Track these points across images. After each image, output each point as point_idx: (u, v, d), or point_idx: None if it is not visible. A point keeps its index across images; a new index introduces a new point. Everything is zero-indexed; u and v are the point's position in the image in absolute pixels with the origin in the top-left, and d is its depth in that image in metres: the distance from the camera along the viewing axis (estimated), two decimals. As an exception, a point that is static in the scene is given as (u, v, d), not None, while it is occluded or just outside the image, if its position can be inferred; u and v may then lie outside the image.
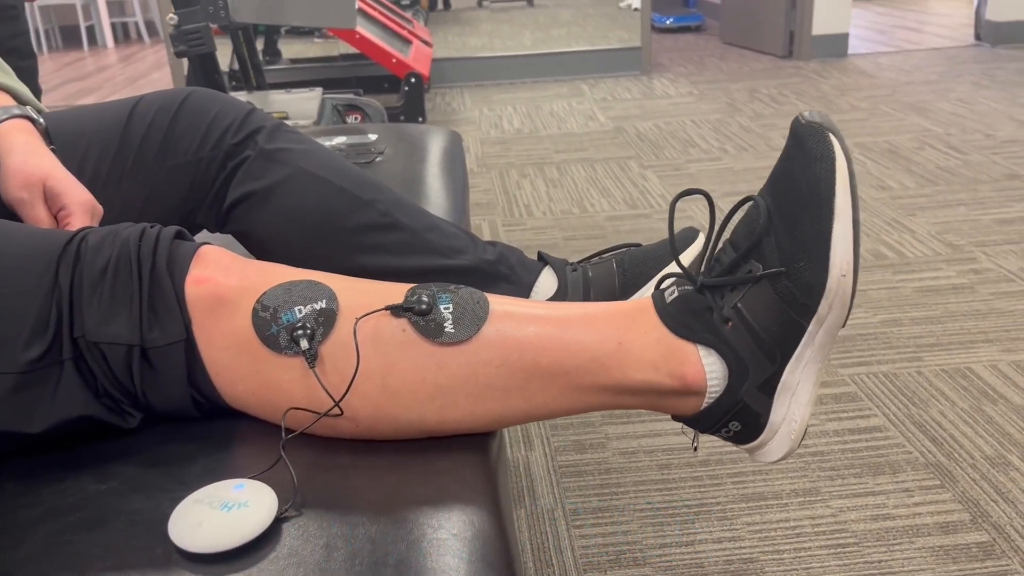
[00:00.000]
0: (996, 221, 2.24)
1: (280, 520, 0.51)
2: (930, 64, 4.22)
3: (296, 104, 2.24)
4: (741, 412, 0.66)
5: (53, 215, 0.75)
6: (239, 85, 2.77)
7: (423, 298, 0.62)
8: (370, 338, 0.61)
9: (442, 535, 0.49)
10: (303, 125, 2.12)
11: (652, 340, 0.65)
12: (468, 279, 0.87)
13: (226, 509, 0.49)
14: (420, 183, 1.23)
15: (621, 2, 5.94)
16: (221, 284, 0.61)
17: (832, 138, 0.62)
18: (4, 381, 0.56)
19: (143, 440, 0.60)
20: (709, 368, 0.65)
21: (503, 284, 0.89)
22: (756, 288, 0.64)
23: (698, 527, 1.22)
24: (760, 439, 0.68)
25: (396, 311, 0.61)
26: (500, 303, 0.65)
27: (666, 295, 0.67)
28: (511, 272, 0.90)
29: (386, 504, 0.52)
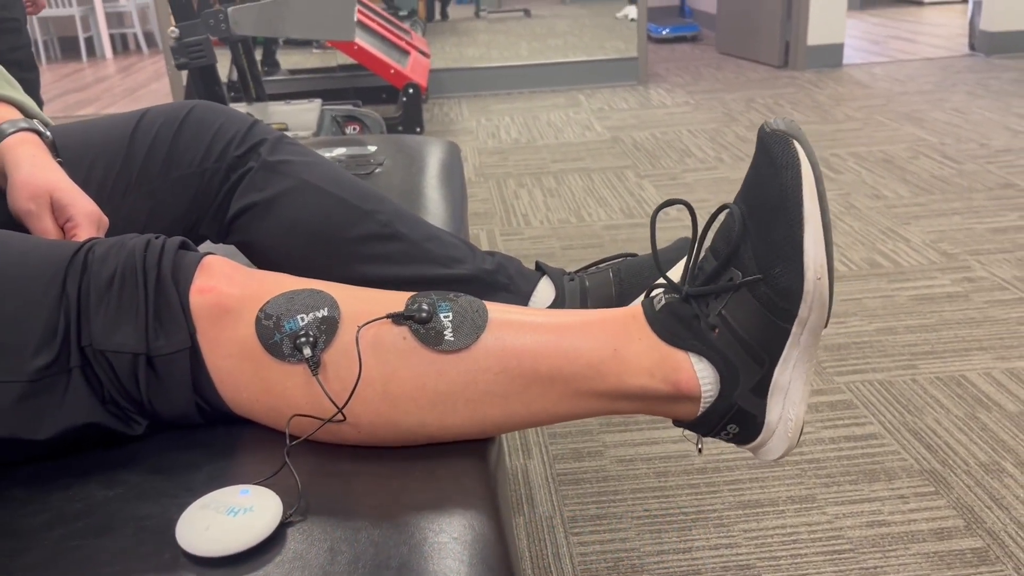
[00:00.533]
0: (990, 230, 2.26)
1: (285, 525, 0.52)
2: (925, 74, 4.25)
3: (295, 115, 2.25)
4: (737, 415, 0.67)
5: (60, 226, 0.76)
6: (238, 96, 2.78)
7: (423, 306, 0.63)
8: (371, 346, 0.62)
9: (443, 539, 0.50)
10: (302, 136, 2.13)
11: (646, 347, 0.66)
12: (467, 288, 0.89)
13: (232, 514, 0.50)
14: (419, 194, 1.24)
15: (618, 12, 5.98)
16: (225, 293, 0.62)
17: (796, 145, 0.64)
18: (13, 389, 0.57)
19: (149, 447, 0.61)
20: (701, 374, 0.66)
21: (502, 293, 0.90)
22: (737, 295, 0.66)
23: (695, 534, 1.23)
24: (759, 439, 0.69)
25: (397, 319, 0.63)
26: (499, 311, 0.66)
27: (655, 304, 0.69)
28: (510, 281, 0.91)
29: (388, 509, 0.53)
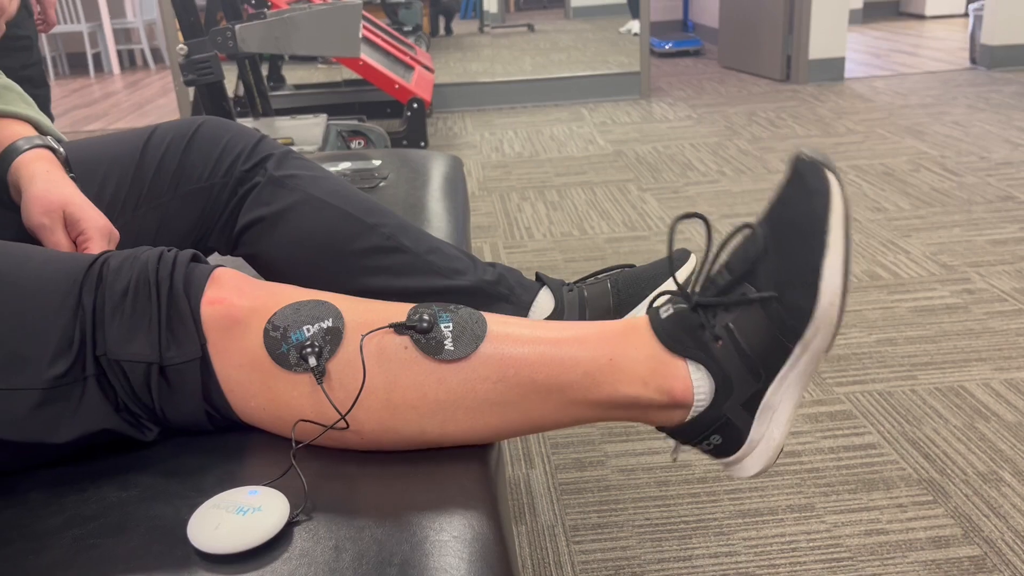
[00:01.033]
0: (990, 242, 2.28)
1: (292, 524, 0.54)
2: (926, 87, 4.28)
3: (301, 130, 2.28)
4: (723, 426, 0.69)
5: (72, 240, 0.78)
6: (244, 111, 2.82)
7: (425, 317, 0.65)
8: (375, 355, 0.64)
9: (444, 537, 0.52)
10: (308, 151, 2.16)
11: (643, 356, 0.68)
12: (469, 299, 0.91)
13: (242, 513, 0.52)
14: (422, 207, 1.27)
15: (621, 27, 6.02)
16: (235, 305, 0.64)
17: (830, 175, 0.66)
18: (31, 396, 0.60)
19: (160, 452, 0.63)
20: (697, 382, 0.68)
21: (502, 304, 0.92)
22: (748, 309, 0.67)
23: (695, 542, 1.24)
24: (738, 454, 0.71)
25: (399, 329, 0.65)
26: (498, 323, 0.68)
27: (661, 312, 0.70)
28: (510, 292, 0.93)
29: (391, 509, 0.55)
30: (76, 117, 4.92)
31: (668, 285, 0.93)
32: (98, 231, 0.78)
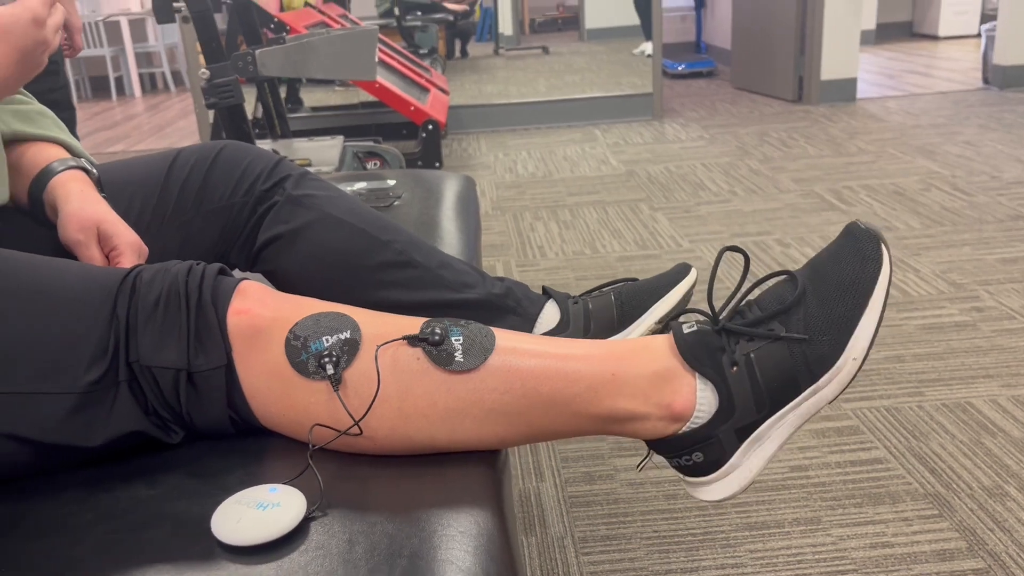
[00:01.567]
0: (1000, 260, 2.29)
1: (308, 519, 0.58)
2: (938, 107, 4.30)
3: (318, 151, 2.34)
4: (710, 446, 0.73)
5: (105, 255, 0.83)
6: (263, 133, 2.88)
7: (436, 330, 0.69)
8: (389, 365, 0.68)
9: (451, 532, 0.55)
10: (325, 171, 2.22)
11: (647, 372, 0.71)
12: (477, 311, 0.94)
13: (262, 508, 0.56)
14: (435, 225, 1.31)
15: (634, 49, 6.09)
16: (259, 315, 0.68)
17: (885, 250, 0.73)
18: (68, 400, 0.64)
19: (185, 454, 0.67)
20: (701, 400, 0.72)
21: (510, 316, 0.96)
22: (773, 345, 0.72)
23: (703, 554, 1.26)
24: (712, 476, 0.74)
25: (412, 341, 0.68)
26: (506, 338, 0.72)
27: (684, 327, 0.74)
28: (517, 305, 0.97)
29: (402, 506, 0.58)
30: (98, 139, 5.02)
31: (673, 299, 0.96)
32: (129, 246, 0.83)
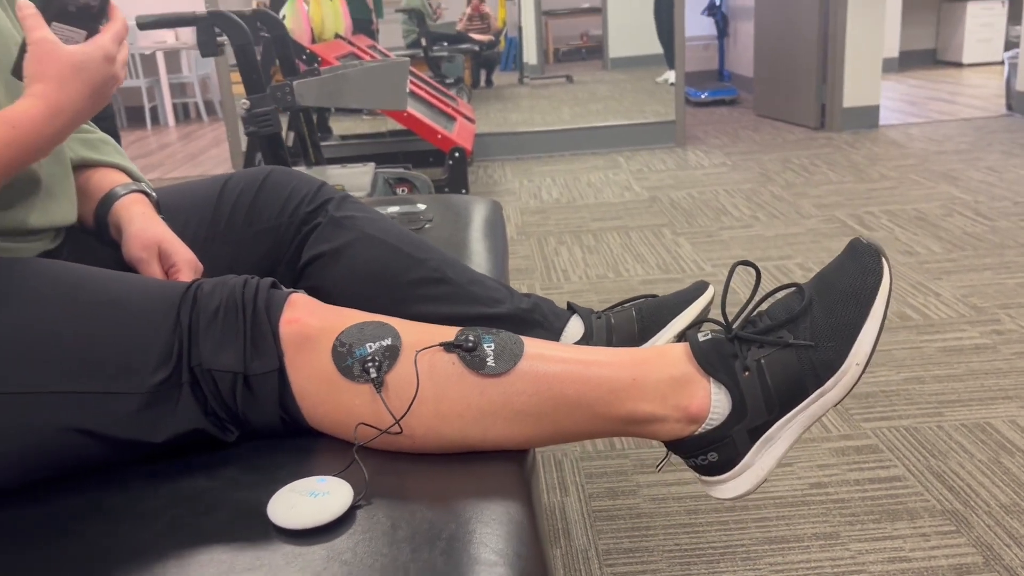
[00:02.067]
0: (1021, 285, 2.31)
1: (355, 507, 0.63)
2: (961, 134, 4.32)
3: (351, 178, 2.42)
4: (724, 446, 0.78)
5: (164, 271, 0.90)
6: (296, 160, 2.98)
7: (470, 338, 0.75)
8: (426, 370, 0.73)
9: (485, 519, 0.61)
10: (358, 196, 2.29)
11: (666, 377, 0.77)
12: (506, 325, 1.00)
13: (313, 496, 0.62)
14: (465, 246, 1.37)
15: (658, 77, 6.17)
16: (308, 324, 0.75)
17: (885, 262, 0.79)
18: (137, 400, 0.70)
19: (240, 450, 0.73)
20: (715, 401, 0.77)
21: (537, 329, 1.01)
22: (782, 352, 0.78)
23: (723, 567, 1.30)
24: (727, 475, 0.80)
25: (448, 347, 0.74)
26: (534, 345, 0.77)
27: (699, 336, 0.80)
28: (544, 319, 1.03)
29: (439, 496, 0.64)
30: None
31: (691, 314, 1.01)
32: (187, 263, 0.90)
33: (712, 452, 0.78)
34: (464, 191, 3.52)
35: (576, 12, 6.93)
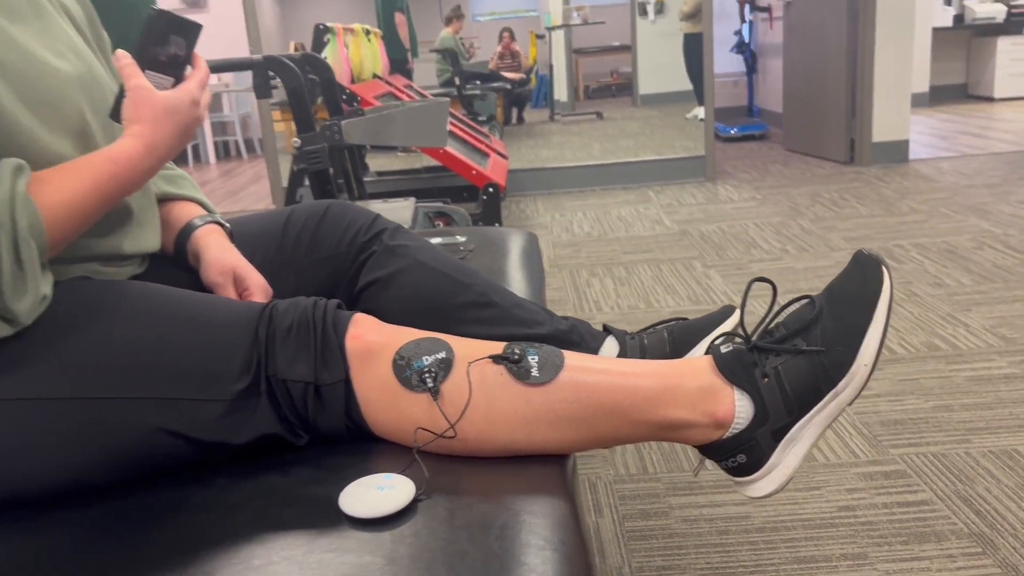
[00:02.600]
0: (1050, 316, 2.33)
1: (416, 500, 0.71)
2: (992, 168, 4.34)
3: (393, 212, 2.52)
4: (751, 448, 0.86)
5: (239, 294, 0.99)
6: (339, 196, 3.09)
7: (516, 351, 0.83)
8: (477, 380, 0.81)
9: (533, 512, 0.68)
10: (398, 229, 2.39)
11: (695, 386, 0.85)
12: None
13: (380, 490, 0.69)
14: (503, 274, 1.45)
15: (687, 113, 6.27)
16: (370, 340, 0.83)
17: (885, 270, 0.86)
18: (221, 406, 0.79)
19: (311, 452, 0.81)
20: (740, 407, 0.84)
21: (574, 348, 1.09)
22: (797, 358, 0.85)
23: (753, 584, 1.34)
24: (756, 475, 0.88)
25: (496, 360, 0.82)
26: (574, 357, 0.85)
27: (722, 348, 0.88)
28: (581, 340, 1.10)
29: (492, 492, 0.71)
30: (180, 202, 5.32)
31: (719, 331, 1.09)
32: (259, 287, 0.99)
33: (740, 454, 0.85)
34: (497, 225, 3.61)
35: (606, 50, 7.08)
